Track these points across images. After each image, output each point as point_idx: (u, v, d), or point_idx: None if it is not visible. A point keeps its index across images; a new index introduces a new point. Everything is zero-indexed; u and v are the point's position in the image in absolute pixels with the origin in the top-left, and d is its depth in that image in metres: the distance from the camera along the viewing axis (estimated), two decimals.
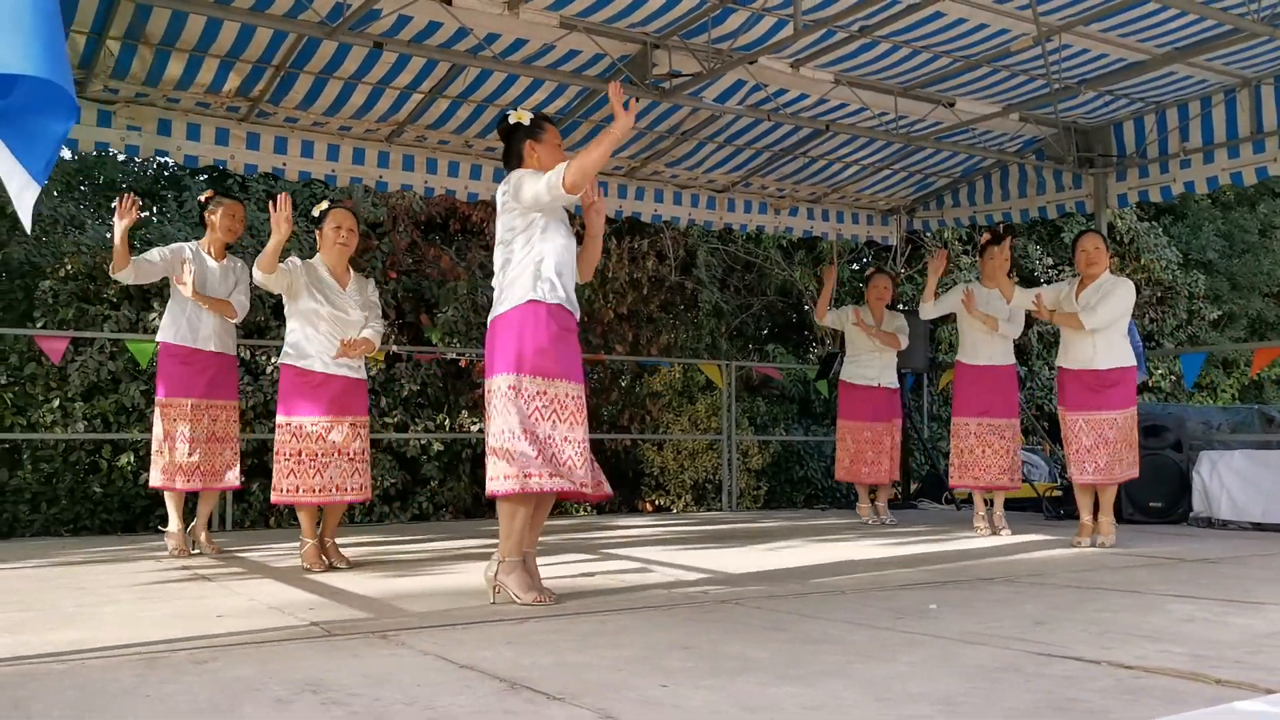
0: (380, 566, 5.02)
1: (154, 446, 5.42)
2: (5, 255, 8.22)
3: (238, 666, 2.71)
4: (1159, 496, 7.29)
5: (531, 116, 4.01)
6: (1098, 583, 4.26)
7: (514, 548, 3.78)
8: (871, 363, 7.52)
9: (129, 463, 7.87)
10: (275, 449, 4.82)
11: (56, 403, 7.67)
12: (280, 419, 4.81)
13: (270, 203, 4.76)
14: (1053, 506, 8.22)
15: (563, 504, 10.21)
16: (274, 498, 4.82)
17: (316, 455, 4.77)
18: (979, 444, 6.56)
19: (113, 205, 5.35)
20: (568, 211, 4.02)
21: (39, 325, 7.79)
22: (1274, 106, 7.19)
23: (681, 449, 10.33)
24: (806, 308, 12.42)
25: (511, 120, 4.00)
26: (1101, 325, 5.74)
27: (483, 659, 2.77)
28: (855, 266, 13.46)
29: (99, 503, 7.87)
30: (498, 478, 3.68)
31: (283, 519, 8.43)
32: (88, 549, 6.02)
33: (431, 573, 4.80)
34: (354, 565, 4.98)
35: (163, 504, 7.97)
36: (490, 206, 9.90)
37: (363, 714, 2.21)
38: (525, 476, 3.63)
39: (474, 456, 9.50)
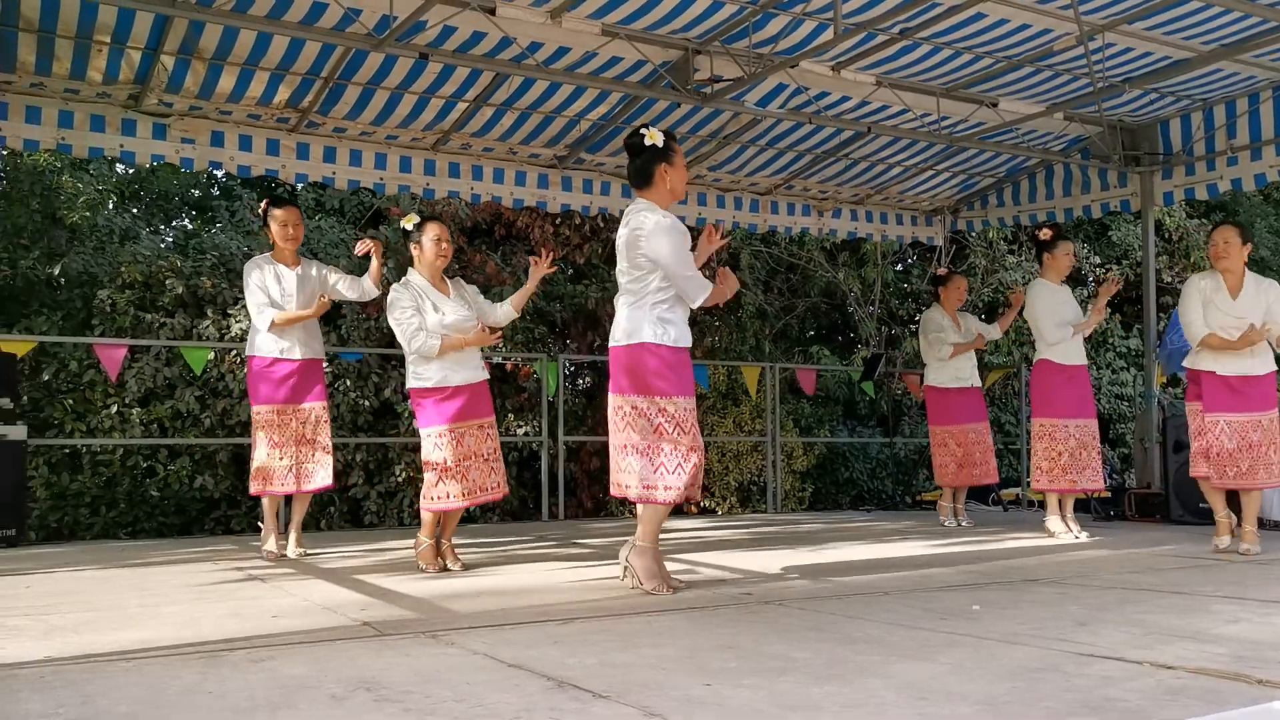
0: (430, 569, 5.11)
1: (253, 455, 5.58)
2: (64, 266, 8.45)
3: (293, 665, 2.80)
4: (1205, 499, 7.20)
5: (664, 137, 4.11)
6: (1143, 584, 4.25)
7: (649, 535, 4.09)
8: (964, 363, 7.39)
9: (184, 467, 8.06)
10: (425, 462, 4.90)
11: (114, 408, 7.88)
12: (425, 431, 4.89)
13: (410, 232, 4.95)
14: (1102, 507, 8.16)
15: (609, 505, 10.29)
16: (428, 507, 4.91)
17: (458, 461, 4.84)
18: (1079, 446, 6.34)
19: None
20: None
21: (97, 333, 8.00)
22: None
23: (726, 451, 10.37)
24: (851, 309, 12.40)
25: (646, 141, 4.09)
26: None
27: (530, 658, 2.84)
28: (899, 267, 13.42)
29: (156, 506, 8.07)
30: (673, 488, 4.02)
31: (332, 522, 8.59)
32: (146, 551, 6.18)
33: (479, 574, 4.89)
34: (468, 567, 5.06)
35: (217, 506, 8.20)
36: (534, 213, 10.01)
37: (414, 710, 2.28)
38: (665, 489, 4.02)
39: (520, 460, 9.61)
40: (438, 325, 4.83)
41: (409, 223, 4.99)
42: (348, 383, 8.66)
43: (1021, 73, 7.08)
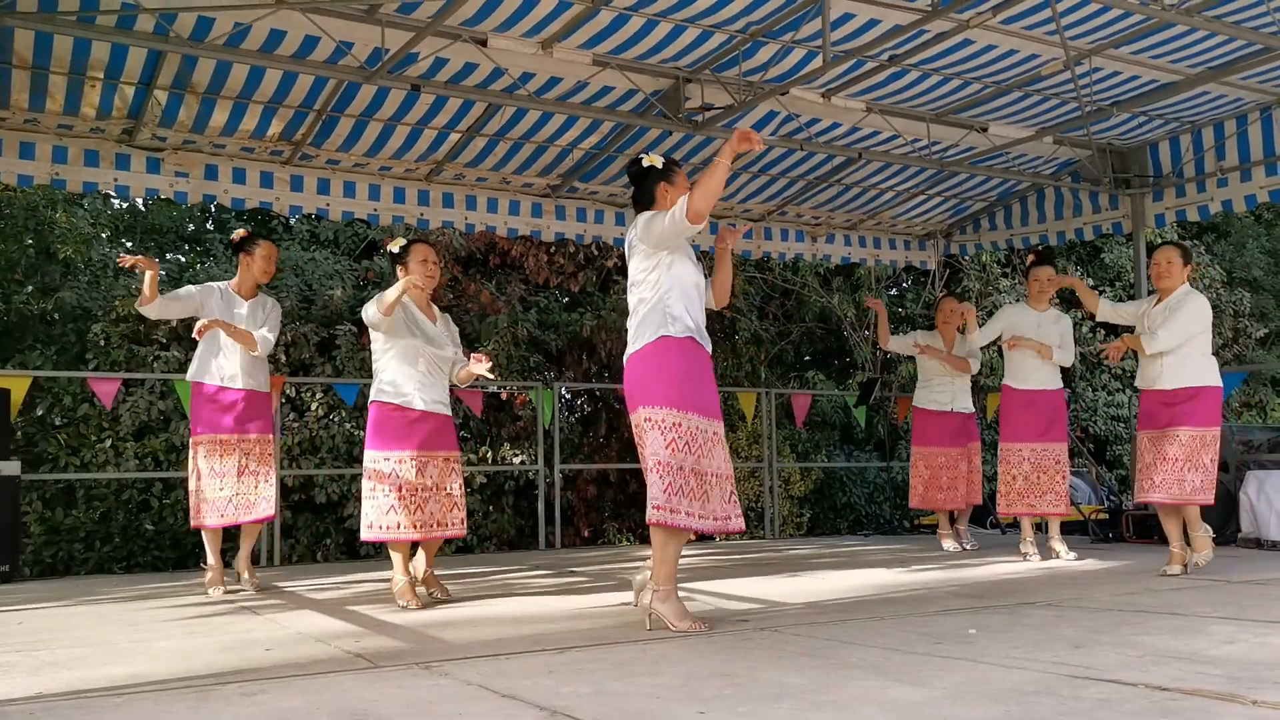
0: (423, 599, 5.09)
1: (190, 486, 5.50)
2: (58, 301, 8.46)
3: (286, 698, 2.79)
4: (1206, 517, 7.16)
5: (664, 160, 4.15)
6: (1140, 605, 4.24)
7: (668, 576, 3.85)
8: (944, 388, 7.39)
9: (179, 500, 8.03)
10: (368, 486, 4.74)
11: (109, 443, 7.86)
12: (374, 454, 4.74)
13: (398, 254, 4.85)
14: (1099, 529, 8.14)
15: (606, 533, 10.25)
16: (368, 535, 4.72)
17: (416, 490, 4.70)
18: (1034, 470, 6.41)
19: (129, 262, 5.43)
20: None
21: (91, 368, 7.99)
22: None
23: None
24: (846, 334, 12.42)
25: (645, 164, 4.13)
26: (1164, 349, 5.43)
27: (523, 688, 2.82)
28: (894, 292, 13.46)
29: (150, 540, 8.04)
30: (649, 506, 3.80)
31: (328, 553, 8.57)
32: (140, 585, 6.15)
33: (473, 604, 4.87)
34: (454, 599, 4.96)
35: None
36: (529, 242, 10.05)
37: None
38: (672, 511, 3.75)
39: (516, 489, 9.59)
40: (412, 346, 4.79)
41: (396, 245, 4.94)
42: (343, 413, 8.65)
43: (1010, 97, 7.13)
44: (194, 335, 5.26)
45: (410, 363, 4.80)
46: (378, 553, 8.66)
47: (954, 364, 7.32)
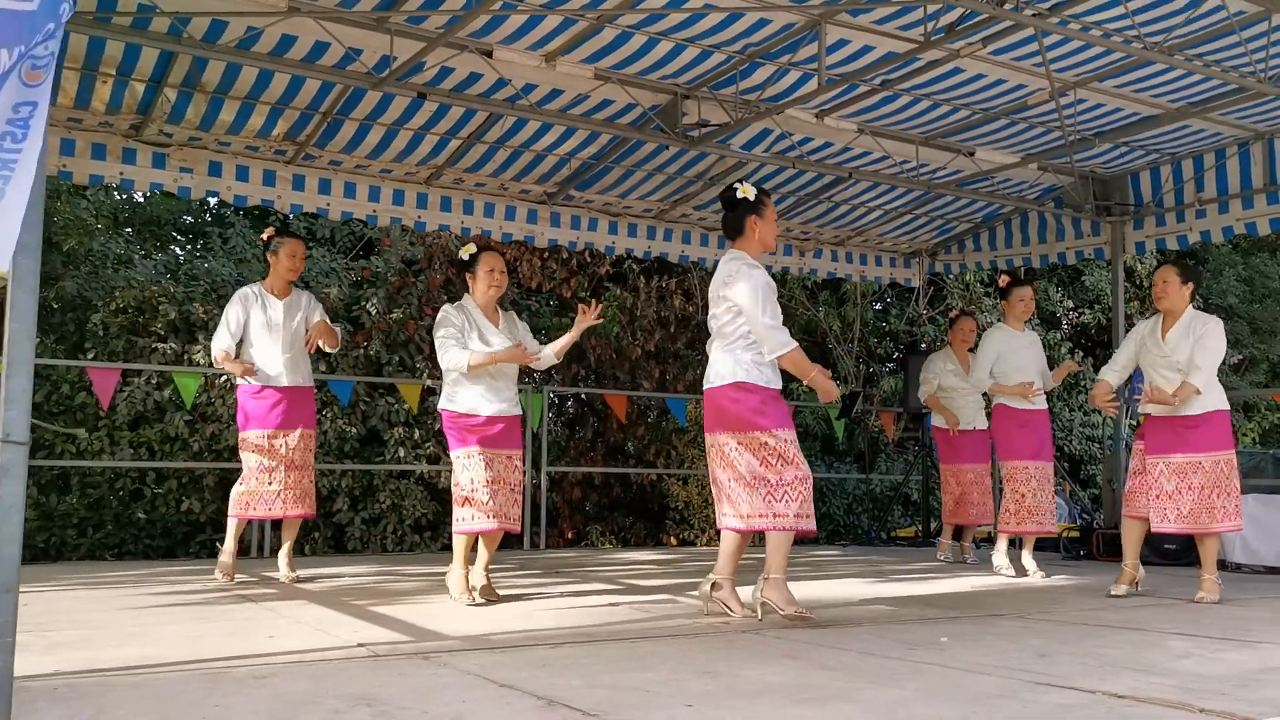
0: (414, 592, 5.25)
1: (241, 478, 5.67)
2: (58, 290, 8.57)
3: (294, 682, 2.95)
4: (1173, 539, 7.39)
5: (756, 191, 4.41)
6: (1104, 620, 4.44)
7: (782, 567, 4.25)
8: (966, 406, 7.49)
9: (172, 490, 8.16)
10: (455, 483, 4.87)
11: (104, 431, 7.98)
12: (454, 453, 4.89)
13: (467, 263, 4.98)
14: (1070, 547, 8.36)
15: (589, 535, 10.41)
16: (456, 529, 4.85)
17: (489, 484, 4.80)
18: (1039, 488, 6.47)
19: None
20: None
21: (90, 357, 8.11)
22: None
23: (706, 484, 10.50)
24: (830, 346, 12.63)
25: (739, 194, 4.39)
26: (1204, 383, 5.22)
27: (521, 679, 2.99)
28: (878, 307, 13.67)
29: (142, 528, 8.16)
30: (801, 516, 4.22)
31: (316, 547, 8.70)
32: (134, 571, 6.28)
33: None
34: (500, 600, 4.97)
35: (203, 530, 8.29)
36: (523, 246, 10.20)
37: None
38: (808, 517, 4.23)
39: None
40: (482, 353, 4.84)
41: (466, 252, 5.01)
42: (335, 410, 8.78)
43: (997, 124, 7.34)
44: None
45: (477, 373, 4.87)
46: (365, 548, 8.81)
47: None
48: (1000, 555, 6.60)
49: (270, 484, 5.61)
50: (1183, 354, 5.31)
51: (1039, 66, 6.16)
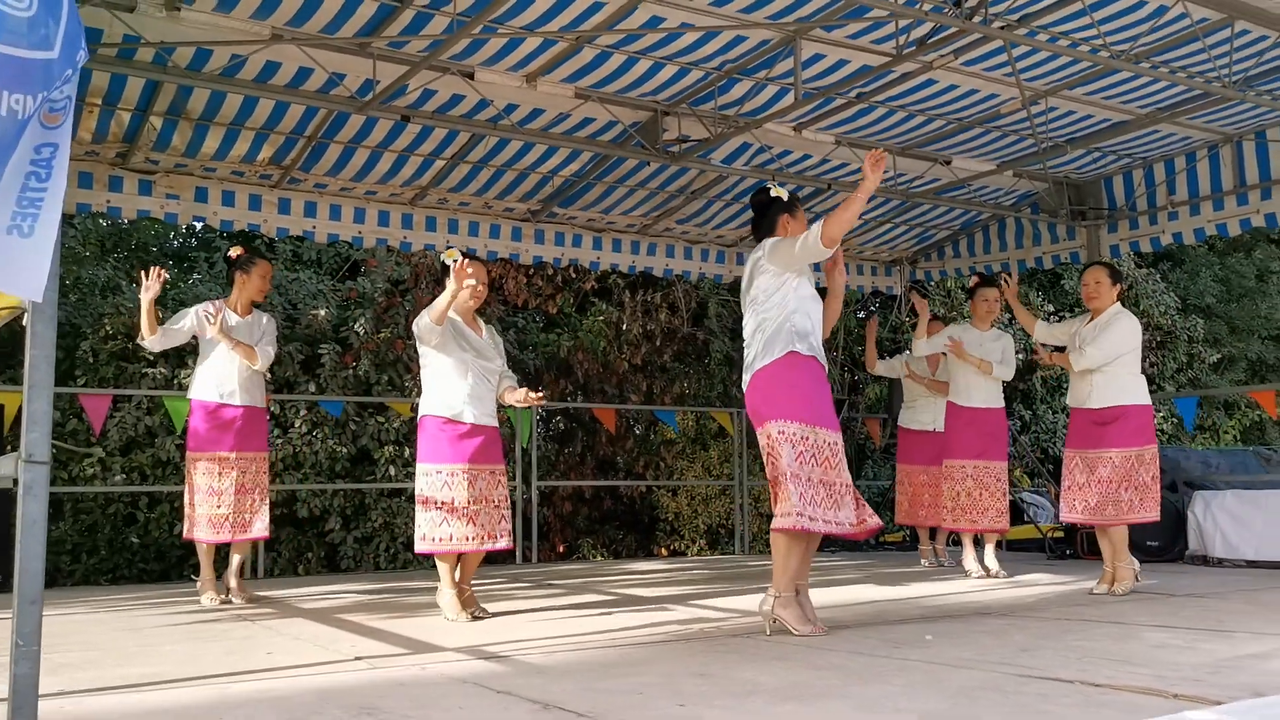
0: (408, 608, 5.32)
1: (186, 499, 5.66)
2: None
3: (297, 695, 3.02)
4: (1156, 536, 7.53)
5: (789, 193, 4.44)
6: (1086, 615, 4.54)
7: (788, 582, 4.09)
8: (927, 408, 7.59)
9: (164, 514, 8.20)
10: (421, 498, 4.79)
11: (95, 457, 8.03)
12: (427, 467, 4.79)
13: (455, 263, 4.78)
14: (1056, 546, 8.47)
15: (581, 549, 10.49)
16: (422, 547, 4.76)
17: (469, 503, 4.75)
18: (976, 486, 6.57)
19: (140, 274, 5.61)
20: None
21: (80, 384, 8.16)
22: (1255, 161, 7.54)
23: (695, 495, 10.62)
24: None
25: (772, 194, 4.43)
26: (1090, 365, 5.53)
27: (517, 685, 3.07)
28: (860, 315, 13.79)
29: (136, 553, 8.21)
30: (790, 514, 4.00)
31: (310, 567, 8.75)
32: (130, 596, 6.33)
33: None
34: (492, 615, 4.97)
35: (195, 554, 8.32)
36: (508, 264, 10.30)
37: None
38: (799, 515, 3.97)
39: None
40: (462, 360, 4.85)
41: (450, 257, 4.90)
42: (326, 430, 8.85)
43: (972, 133, 7.48)
44: (210, 336, 5.49)
45: (460, 376, 4.85)
46: (358, 566, 8.87)
47: (935, 388, 7.45)
48: (969, 559, 6.70)
49: (219, 507, 5.57)
50: (1087, 342, 5.62)
51: (1010, 76, 6.29)
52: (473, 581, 5.08)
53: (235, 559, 5.80)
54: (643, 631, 4.27)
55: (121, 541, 8.13)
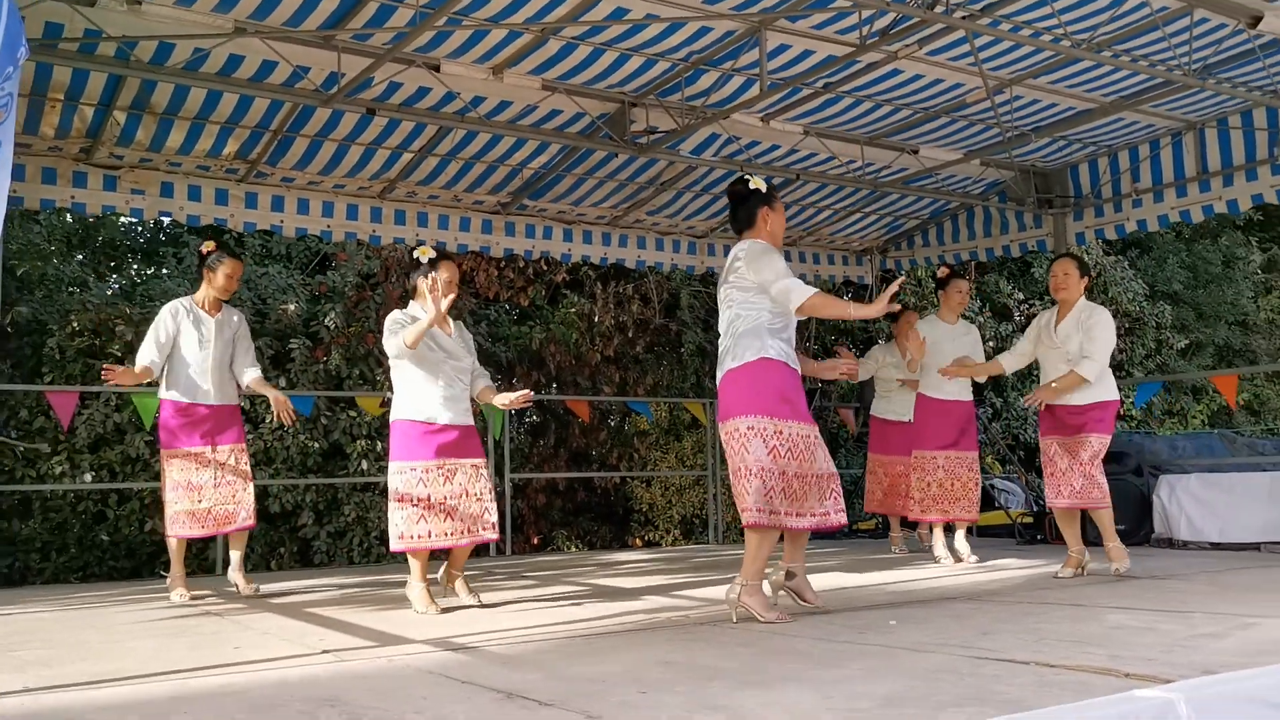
0: (379, 601, 5.32)
1: (165, 498, 5.62)
2: (14, 315, 8.55)
3: (260, 689, 3.03)
4: (1122, 520, 7.53)
5: (767, 185, 4.40)
6: (1048, 599, 4.60)
7: (756, 573, 4.11)
8: (902, 399, 7.56)
9: (134, 511, 8.16)
10: (396, 496, 4.74)
11: (64, 454, 7.97)
12: (400, 464, 4.75)
13: (427, 280, 4.77)
14: (1025, 532, 8.55)
15: (555, 540, 10.50)
16: (398, 545, 4.71)
17: (445, 499, 4.72)
18: (948, 477, 6.60)
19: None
20: None
21: (47, 381, 8.10)
22: (1217, 148, 7.63)
23: (669, 485, 10.65)
24: None
25: (751, 187, 4.38)
26: (1096, 374, 5.49)
27: (481, 675, 3.09)
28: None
29: (106, 550, 8.16)
30: (749, 510, 4.04)
31: (282, 562, 8.73)
32: (99, 593, 6.30)
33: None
34: (483, 605, 4.93)
35: (165, 551, 8.27)
36: (479, 257, 10.29)
37: None
38: (759, 511, 4.02)
39: None
40: (433, 363, 4.80)
41: (424, 255, 4.91)
42: (297, 425, 8.82)
43: (939, 123, 7.52)
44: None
45: (432, 379, 4.81)
46: (331, 561, 8.85)
47: (912, 384, 7.48)
48: (939, 546, 6.74)
49: (200, 501, 5.56)
50: (1073, 345, 5.58)
51: (974, 66, 6.34)
52: (471, 573, 5.03)
53: (235, 554, 5.81)
54: (610, 621, 4.29)
55: (91, 539, 8.08)
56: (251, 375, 5.80)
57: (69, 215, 10.69)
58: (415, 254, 5.01)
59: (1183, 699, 2.32)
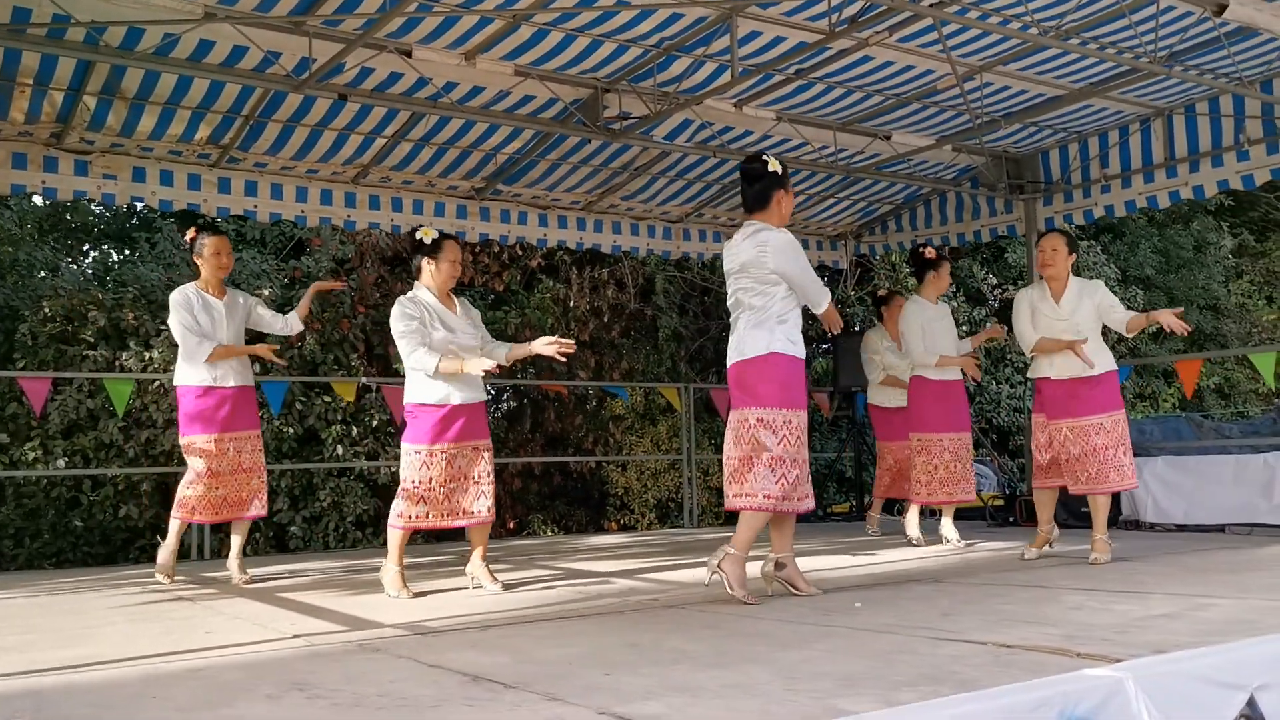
0: (353, 586, 5.36)
1: (182, 482, 5.57)
2: None
3: (229, 672, 3.06)
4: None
5: (782, 166, 4.42)
6: (1012, 580, 4.68)
7: (746, 545, 4.24)
8: (899, 387, 7.50)
9: (108, 497, 8.15)
10: (403, 477, 4.77)
11: (37, 440, 7.95)
12: (409, 447, 4.77)
13: (430, 247, 4.83)
14: (997, 514, 8.65)
15: (530, 524, 10.54)
16: (399, 524, 4.76)
17: (445, 482, 4.75)
18: (953, 459, 6.56)
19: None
20: None
21: (19, 367, 8.07)
22: (1184, 135, 7.72)
23: (644, 469, 10.71)
24: None
25: (769, 167, 4.40)
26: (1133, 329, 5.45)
27: (449, 659, 3.13)
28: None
29: (80, 536, 8.15)
30: (758, 494, 4.20)
31: (258, 547, 8.73)
32: (73, 579, 6.31)
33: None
34: (508, 588, 4.96)
35: (141, 535, 8.29)
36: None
37: (342, 705, 2.57)
38: (783, 499, 4.21)
39: None
40: (445, 343, 4.77)
41: (427, 236, 4.87)
42: (270, 410, 8.81)
43: (910, 109, 7.57)
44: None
45: (443, 358, 4.73)
46: (306, 546, 8.87)
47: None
48: (913, 525, 6.78)
49: (217, 489, 5.54)
50: (1083, 315, 5.53)
51: (944, 53, 6.38)
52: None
53: (236, 541, 5.77)
54: (581, 605, 4.34)
55: (65, 525, 8.07)
56: (290, 317, 5.99)
57: (40, 198, 10.62)
58: (418, 235, 4.95)
59: (1131, 678, 2.39)
